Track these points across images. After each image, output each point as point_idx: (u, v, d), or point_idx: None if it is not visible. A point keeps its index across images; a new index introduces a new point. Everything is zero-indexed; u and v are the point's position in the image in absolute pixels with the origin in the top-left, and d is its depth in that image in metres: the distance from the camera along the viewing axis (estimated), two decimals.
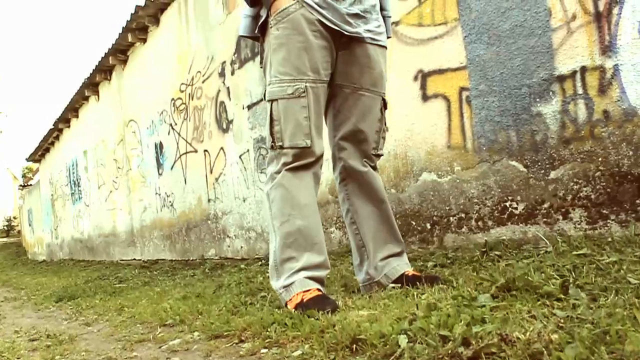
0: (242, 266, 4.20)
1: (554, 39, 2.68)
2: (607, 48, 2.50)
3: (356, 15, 1.81)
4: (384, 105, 1.95)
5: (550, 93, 2.72)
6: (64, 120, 10.48)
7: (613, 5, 2.47)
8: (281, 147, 1.79)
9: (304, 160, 1.80)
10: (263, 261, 4.25)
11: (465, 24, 3.06)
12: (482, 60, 2.99)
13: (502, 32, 2.89)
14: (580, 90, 2.61)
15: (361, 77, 1.87)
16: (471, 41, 3.04)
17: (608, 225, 2.58)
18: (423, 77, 3.31)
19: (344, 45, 1.83)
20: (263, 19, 1.83)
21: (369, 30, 1.84)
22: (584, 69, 2.59)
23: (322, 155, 1.89)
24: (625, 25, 2.44)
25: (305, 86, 1.76)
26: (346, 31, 1.80)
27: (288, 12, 1.76)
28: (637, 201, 2.45)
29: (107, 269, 7.28)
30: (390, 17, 1.99)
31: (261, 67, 1.91)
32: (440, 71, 3.22)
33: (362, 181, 1.94)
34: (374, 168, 1.99)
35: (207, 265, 4.84)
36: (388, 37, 2.04)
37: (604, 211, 2.59)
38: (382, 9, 1.96)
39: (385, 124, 2.00)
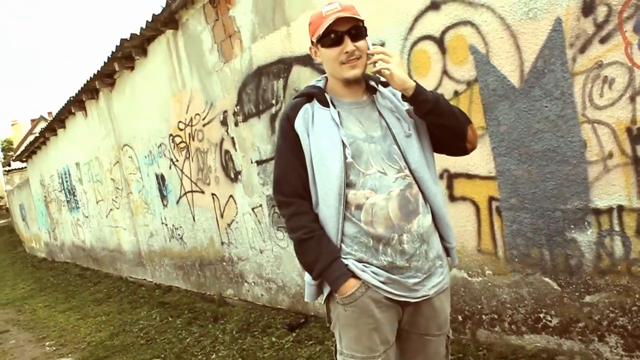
0: (273, 339, 4.29)
1: (590, 171, 2.67)
2: None
3: (420, 281, 1.80)
4: (448, 336, 1.97)
5: (586, 223, 2.74)
6: (51, 129, 10.20)
7: None
8: None
9: None
10: (297, 330, 4.33)
11: (493, 134, 3.01)
12: (512, 175, 2.97)
13: (534, 152, 2.86)
14: (617, 227, 2.63)
15: (427, 325, 1.88)
16: (500, 154, 3.00)
17: None
18: (449, 177, 3.29)
19: (409, 304, 1.83)
20: (329, 290, 1.82)
21: (434, 286, 1.83)
22: (620, 208, 2.60)
23: None
24: None
25: None
26: (413, 298, 1.80)
27: (355, 296, 1.76)
28: None
29: (123, 298, 7.40)
30: (454, 247, 1.96)
31: (328, 325, 1.91)
32: (468, 176, 3.20)
33: None
34: None
35: (232, 323, 4.93)
36: (454, 263, 2.03)
37: None
38: (446, 240, 1.92)
39: (450, 355, 2.02)
